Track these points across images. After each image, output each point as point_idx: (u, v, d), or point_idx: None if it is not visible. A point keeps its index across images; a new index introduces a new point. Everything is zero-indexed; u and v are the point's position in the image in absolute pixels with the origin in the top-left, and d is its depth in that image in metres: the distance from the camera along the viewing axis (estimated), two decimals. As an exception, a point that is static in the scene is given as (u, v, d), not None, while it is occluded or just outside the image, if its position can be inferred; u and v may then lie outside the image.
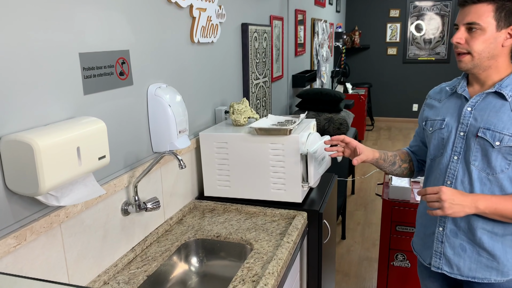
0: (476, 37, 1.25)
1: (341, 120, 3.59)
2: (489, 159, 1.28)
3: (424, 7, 7.32)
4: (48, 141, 0.98)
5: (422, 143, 1.60)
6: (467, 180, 1.33)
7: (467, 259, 1.36)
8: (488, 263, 1.33)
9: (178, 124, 1.55)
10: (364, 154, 1.47)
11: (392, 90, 7.81)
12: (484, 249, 1.33)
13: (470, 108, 1.33)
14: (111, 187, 1.34)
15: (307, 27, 4.46)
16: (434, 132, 1.43)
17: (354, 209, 4.08)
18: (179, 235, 1.63)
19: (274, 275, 1.31)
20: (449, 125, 1.38)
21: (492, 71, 1.31)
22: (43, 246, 1.11)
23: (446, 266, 1.40)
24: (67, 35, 1.14)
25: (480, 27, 1.24)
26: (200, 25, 1.87)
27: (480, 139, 1.29)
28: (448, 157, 1.37)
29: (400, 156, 1.58)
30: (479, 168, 1.30)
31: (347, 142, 1.48)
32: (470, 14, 1.25)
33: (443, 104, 1.44)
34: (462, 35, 1.27)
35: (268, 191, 1.81)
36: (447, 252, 1.39)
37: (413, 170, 1.61)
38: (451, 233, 1.38)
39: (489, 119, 1.28)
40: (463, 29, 1.27)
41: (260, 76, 2.75)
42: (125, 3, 1.37)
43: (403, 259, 2.33)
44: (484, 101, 1.31)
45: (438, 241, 1.41)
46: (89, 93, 1.24)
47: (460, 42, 1.27)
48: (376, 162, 1.52)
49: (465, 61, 1.29)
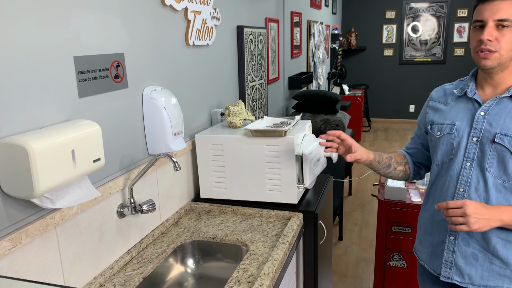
0: (506, 35, 1.19)
1: (337, 122, 3.60)
2: (505, 166, 1.24)
3: (420, 9, 7.36)
4: (42, 144, 0.99)
5: (422, 145, 1.55)
6: (482, 188, 1.28)
7: (479, 267, 1.31)
8: (501, 271, 1.29)
9: (174, 126, 1.55)
10: (358, 153, 1.43)
11: (388, 91, 7.84)
12: (497, 257, 1.29)
13: (484, 113, 1.28)
14: (106, 190, 1.35)
15: (303, 29, 4.48)
16: (443, 137, 1.37)
17: (351, 210, 4.09)
18: (175, 237, 1.64)
19: (269, 276, 1.32)
20: (460, 130, 1.32)
21: (508, 73, 1.26)
22: (39, 249, 1.11)
23: (457, 276, 1.35)
24: (62, 38, 1.15)
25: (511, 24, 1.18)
26: (195, 27, 1.88)
27: (497, 145, 1.24)
28: (459, 163, 1.32)
29: (395, 158, 1.54)
30: (494, 175, 1.26)
31: (343, 139, 1.44)
32: (501, 10, 1.18)
33: (450, 108, 1.38)
34: (493, 32, 1.20)
35: (264, 193, 1.82)
36: (458, 262, 1.34)
37: (409, 173, 1.57)
38: (463, 242, 1.32)
39: (506, 125, 1.23)
40: (492, 25, 1.20)
41: (256, 78, 2.76)
42: (119, 6, 1.38)
43: (399, 259, 2.34)
44: (498, 106, 1.26)
45: (449, 250, 1.35)
46: (84, 96, 1.24)
47: (491, 40, 1.20)
48: (370, 163, 1.49)
49: (492, 59, 1.22)
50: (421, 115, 1.53)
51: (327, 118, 3.63)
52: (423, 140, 1.54)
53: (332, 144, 1.47)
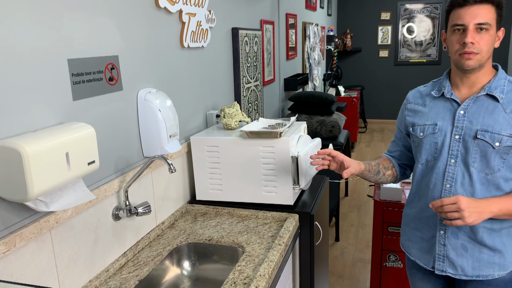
0: (486, 37, 1.28)
1: (333, 123, 3.61)
2: (488, 160, 1.32)
3: (415, 10, 7.39)
4: (36, 147, 0.98)
5: (404, 147, 1.61)
6: (467, 182, 1.35)
7: (470, 258, 1.38)
8: (490, 259, 1.37)
9: (169, 128, 1.55)
10: (352, 167, 1.47)
11: (384, 92, 7.87)
12: (485, 246, 1.36)
13: (463, 112, 1.35)
14: (101, 192, 1.34)
15: (299, 30, 4.49)
16: (426, 137, 1.43)
17: (347, 211, 4.10)
18: (171, 239, 1.63)
19: (265, 277, 1.32)
20: (443, 129, 1.39)
21: (483, 72, 1.35)
22: (33, 252, 1.11)
23: (450, 268, 1.42)
24: (56, 41, 1.15)
25: (490, 27, 1.27)
26: (190, 30, 1.88)
27: (480, 140, 1.31)
28: (444, 160, 1.39)
29: (382, 164, 1.59)
30: (478, 169, 1.34)
31: (333, 156, 1.47)
32: (480, 14, 1.26)
33: (430, 109, 1.45)
34: (474, 35, 1.28)
35: (259, 194, 1.82)
36: (450, 254, 1.41)
37: (397, 176, 1.63)
38: (453, 235, 1.39)
39: (485, 121, 1.31)
40: (473, 29, 1.28)
41: (251, 80, 2.77)
42: (113, 8, 1.38)
43: (396, 259, 2.34)
44: (476, 104, 1.34)
45: (440, 244, 1.42)
46: (78, 98, 1.24)
47: (473, 42, 1.28)
48: (361, 173, 1.53)
49: (474, 60, 1.30)
50: (399, 118, 1.59)
51: (322, 119, 3.64)
52: (404, 142, 1.60)
53: (323, 162, 1.49)
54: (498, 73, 1.37)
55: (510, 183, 1.34)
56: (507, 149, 1.30)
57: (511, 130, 1.29)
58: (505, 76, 1.36)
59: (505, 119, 1.30)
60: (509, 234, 1.38)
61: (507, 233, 1.38)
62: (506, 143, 1.29)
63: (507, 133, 1.29)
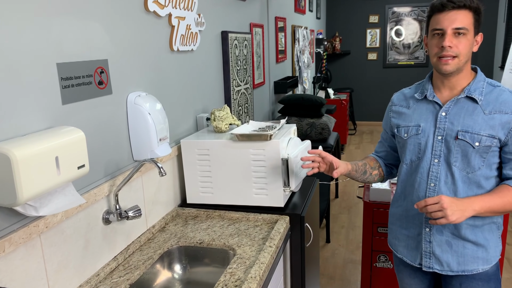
0: (463, 41, 1.33)
1: (322, 125, 3.64)
2: (469, 159, 1.37)
3: (402, 13, 7.48)
4: (25, 151, 0.98)
5: (390, 147, 1.66)
6: (450, 181, 1.41)
7: (454, 254, 1.44)
8: (474, 254, 1.43)
9: (159, 132, 1.56)
10: (341, 167, 1.52)
11: (373, 95, 7.94)
12: (469, 241, 1.42)
13: (445, 113, 1.41)
14: (91, 196, 1.34)
15: (288, 34, 4.52)
16: (410, 138, 1.48)
17: (338, 213, 4.12)
18: (161, 242, 1.63)
19: (256, 279, 1.32)
20: (426, 130, 1.44)
21: (462, 75, 1.40)
22: (22, 257, 1.10)
23: (437, 264, 1.47)
24: (45, 45, 1.15)
25: (467, 32, 1.32)
26: (180, 33, 1.89)
27: (460, 141, 1.37)
28: (428, 160, 1.44)
29: (369, 164, 1.64)
30: (460, 168, 1.39)
31: (323, 157, 1.50)
32: (457, 19, 1.31)
33: (413, 111, 1.50)
34: (452, 39, 1.33)
35: (250, 197, 1.83)
36: (435, 251, 1.46)
37: (383, 175, 1.67)
38: (437, 231, 1.45)
39: (465, 122, 1.37)
40: (451, 33, 1.32)
41: (241, 83, 2.78)
42: (103, 12, 1.38)
43: (385, 260, 2.36)
44: (457, 106, 1.40)
45: (426, 241, 1.47)
46: (67, 102, 1.24)
47: (451, 46, 1.33)
48: (349, 173, 1.58)
49: (452, 64, 1.34)
50: (385, 120, 1.63)
51: (312, 121, 3.66)
52: (390, 143, 1.65)
53: (314, 165, 1.52)
54: (477, 75, 1.41)
55: (491, 181, 1.39)
56: (486, 148, 1.35)
57: (490, 130, 1.34)
58: (484, 79, 1.41)
59: (484, 120, 1.35)
60: (491, 229, 1.44)
61: (489, 229, 1.43)
62: (485, 143, 1.34)
63: (486, 134, 1.34)
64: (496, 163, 1.39)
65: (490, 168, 1.38)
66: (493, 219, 1.43)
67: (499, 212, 1.36)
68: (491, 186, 1.40)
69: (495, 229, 1.45)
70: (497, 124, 1.33)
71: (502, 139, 1.34)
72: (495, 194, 1.35)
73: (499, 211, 1.35)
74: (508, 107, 1.33)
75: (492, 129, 1.34)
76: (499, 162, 1.39)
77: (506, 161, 1.37)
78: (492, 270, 1.45)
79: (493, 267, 1.45)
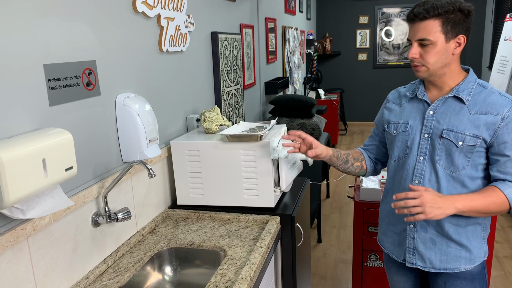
0: (429, 51, 1.35)
1: (313, 126, 3.65)
2: (452, 158, 1.39)
3: (392, 14, 7.53)
4: (11, 154, 0.97)
5: (379, 142, 1.67)
6: (434, 178, 1.42)
7: (438, 251, 1.45)
8: (457, 253, 1.44)
9: (148, 133, 1.55)
10: (319, 149, 1.53)
11: (363, 95, 7.98)
12: (452, 240, 1.43)
13: (432, 112, 1.43)
14: (80, 198, 1.33)
15: (278, 34, 4.52)
16: (398, 135, 1.51)
17: (329, 213, 4.13)
18: (152, 244, 1.62)
19: (247, 280, 1.32)
20: (413, 128, 1.47)
21: (447, 77, 1.41)
22: (10, 261, 1.08)
23: (420, 261, 1.49)
24: (31, 46, 1.14)
25: (430, 42, 1.33)
26: (169, 34, 1.88)
27: (445, 139, 1.39)
28: (414, 158, 1.46)
29: (353, 154, 1.65)
30: (443, 167, 1.40)
31: (303, 138, 1.53)
32: (420, 30, 1.33)
33: (403, 108, 1.52)
34: (416, 51, 1.36)
35: (241, 197, 1.83)
36: (419, 247, 1.48)
37: (366, 169, 1.67)
38: (422, 228, 1.46)
39: (451, 121, 1.39)
40: (416, 44, 1.36)
41: (231, 84, 2.77)
42: (90, 13, 1.37)
43: (376, 259, 2.38)
44: (444, 105, 1.42)
45: (410, 237, 1.49)
46: (55, 104, 1.23)
47: (415, 57, 1.37)
48: (329, 159, 1.59)
49: (422, 71, 1.39)
50: (378, 115, 1.66)
51: (303, 122, 3.67)
52: (380, 138, 1.67)
53: (294, 145, 1.55)
54: (468, 76, 1.42)
55: (476, 182, 1.40)
56: (470, 148, 1.36)
57: (474, 130, 1.35)
58: (475, 79, 1.41)
59: (469, 120, 1.36)
60: (475, 230, 1.44)
61: (473, 229, 1.44)
62: (469, 142, 1.35)
63: (470, 133, 1.35)
64: (482, 164, 1.39)
65: (476, 168, 1.38)
66: (477, 220, 1.43)
67: (483, 213, 1.34)
68: (477, 186, 1.39)
69: (480, 230, 1.45)
70: (482, 125, 1.34)
71: (487, 140, 1.34)
72: (479, 194, 1.34)
73: (482, 211, 1.33)
74: (495, 109, 1.34)
75: (476, 129, 1.34)
76: (486, 164, 1.39)
77: (492, 162, 1.37)
78: (476, 270, 1.45)
79: (477, 267, 1.45)
